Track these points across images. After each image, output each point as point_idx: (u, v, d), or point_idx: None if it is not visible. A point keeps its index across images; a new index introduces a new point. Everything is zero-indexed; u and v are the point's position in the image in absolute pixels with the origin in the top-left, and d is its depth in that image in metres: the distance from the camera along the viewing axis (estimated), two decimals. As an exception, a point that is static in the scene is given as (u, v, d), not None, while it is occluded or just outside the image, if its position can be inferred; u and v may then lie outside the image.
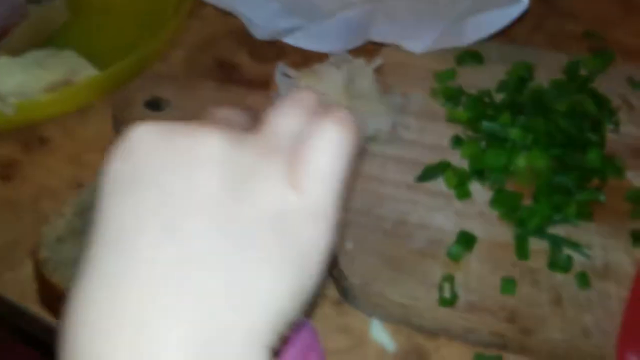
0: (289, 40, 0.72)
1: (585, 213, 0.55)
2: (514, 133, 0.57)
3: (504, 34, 0.76)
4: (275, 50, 0.73)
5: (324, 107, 0.29)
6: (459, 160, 0.59)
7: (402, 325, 0.53)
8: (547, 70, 0.68)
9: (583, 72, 0.68)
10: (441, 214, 0.56)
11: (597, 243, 0.55)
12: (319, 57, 0.68)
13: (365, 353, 0.52)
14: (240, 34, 0.74)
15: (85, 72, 0.65)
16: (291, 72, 0.61)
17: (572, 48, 0.76)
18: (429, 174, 0.57)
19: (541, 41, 0.78)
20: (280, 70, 0.62)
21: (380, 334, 0.53)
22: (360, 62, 0.61)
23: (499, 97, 0.64)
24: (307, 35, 0.71)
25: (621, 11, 0.82)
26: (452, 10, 0.68)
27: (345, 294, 0.53)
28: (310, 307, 0.28)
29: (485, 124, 0.59)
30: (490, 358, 0.51)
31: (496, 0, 0.64)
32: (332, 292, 0.54)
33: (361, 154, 0.25)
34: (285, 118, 0.28)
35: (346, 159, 0.28)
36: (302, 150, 0.27)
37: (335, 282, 0.53)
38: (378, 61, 0.62)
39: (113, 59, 0.66)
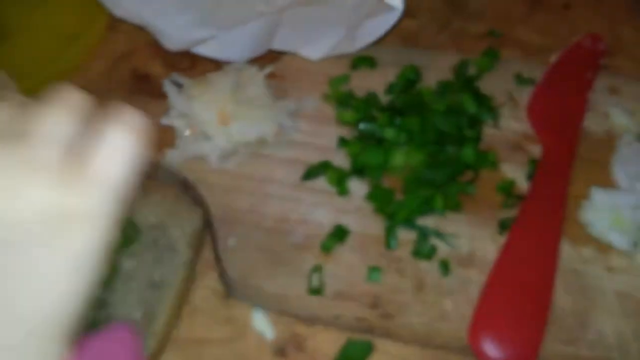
0: (199, 50, 0.75)
1: (455, 205, 0.59)
2: (388, 132, 0.61)
3: (407, 37, 0.80)
4: (189, 61, 0.77)
5: (103, 109, 0.32)
6: (344, 160, 0.63)
7: (282, 315, 0.57)
8: (438, 72, 0.71)
9: (473, 71, 0.71)
10: (321, 210, 0.60)
11: (465, 233, 0.59)
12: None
13: (247, 342, 0.56)
14: (156, 46, 0.78)
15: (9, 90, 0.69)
16: (182, 80, 0.65)
17: (475, 48, 0.80)
18: (312, 173, 0.61)
19: (446, 42, 0.81)
20: (172, 79, 0.65)
21: (261, 323, 0.57)
22: (252, 69, 0.65)
23: (388, 99, 0.67)
24: (216, 45, 0.75)
25: (526, 9, 0.86)
26: (347, 19, 0.72)
27: (228, 287, 0.57)
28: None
29: (362, 125, 0.63)
30: (360, 343, 0.55)
31: (379, 9, 0.68)
32: (219, 285, 0.58)
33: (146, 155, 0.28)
34: (56, 122, 0.30)
35: (127, 161, 0.31)
36: (82, 154, 0.30)
37: (220, 276, 0.58)
38: (268, 68, 0.66)
39: (37, 76, 0.70)
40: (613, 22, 0.84)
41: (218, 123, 0.60)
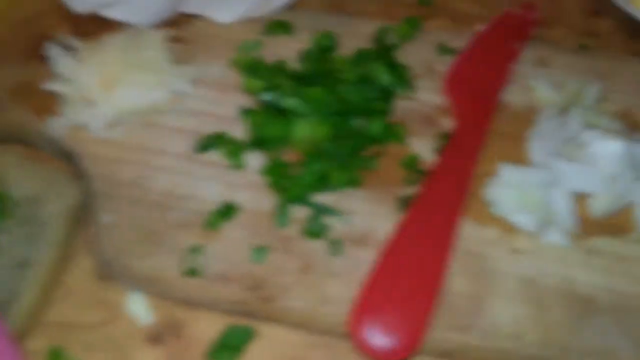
0: (107, 12, 0.71)
1: (354, 181, 0.55)
2: (290, 102, 0.57)
3: (334, 2, 0.75)
4: (98, 24, 0.72)
5: None
6: (244, 131, 0.59)
7: (161, 298, 0.53)
8: (357, 39, 0.67)
9: (394, 39, 0.66)
10: (212, 184, 0.56)
11: (362, 210, 0.55)
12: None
13: (119, 327, 0.52)
14: (64, 9, 0.73)
15: None
16: (73, 42, 0.60)
17: (404, 16, 0.75)
18: (205, 144, 0.57)
19: (374, 9, 0.77)
20: (65, 43, 0.61)
21: (138, 307, 0.53)
22: (151, 33, 0.61)
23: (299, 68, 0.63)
24: (124, 7, 0.70)
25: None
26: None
27: (102, 267, 0.53)
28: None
29: (265, 94, 0.58)
30: (240, 329, 0.51)
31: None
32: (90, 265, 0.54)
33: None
34: None
35: None
36: None
37: (94, 256, 0.53)
38: (167, 31, 0.61)
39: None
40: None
41: (101, 88, 0.55)
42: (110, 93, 0.55)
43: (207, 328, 0.52)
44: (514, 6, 0.71)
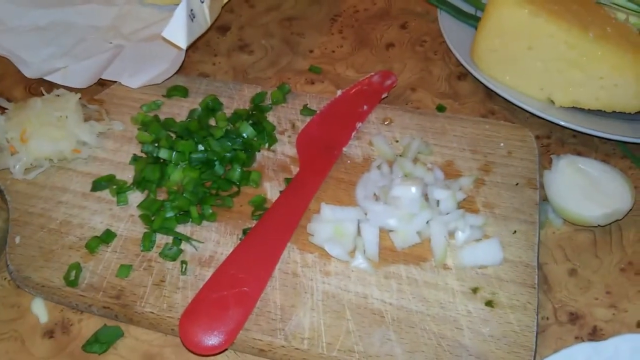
0: (51, 78, 0.89)
1: (210, 216, 0.70)
2: (163, 153, 0.73)
3: (239, 70, 0.92)
4: (47, 86, 0.90)
5: None
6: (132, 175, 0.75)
7: (57, 303, 0.68)
8: (240, 101, 0.83)
9: (269, 101, 0.82)
10: (100, 216, 0.71)
11: (213, 238, 0.69)
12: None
13: (24, 324, 0.68)
14: (20, 75, 0.91)
15: None
16: (4, 103, 0.78)
17: (295, 81, 0.91)
18: (98, 185, 0.73)
19: (272, 75, 0.93)
20: (-2, 103, 0.79)
21: (38, 309, 0.69)
22: (69, 96, 0.78)
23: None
24: (65, 73, 0.88)
25: (350, 49, 0.96)
26: (172, 53, 0.84)
27: (12, 278, 0.69)
28: None
29: (145, 146, 0.74)
30: (111, 328, 0.66)
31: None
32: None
33: None
34: None
35: None
36: None
37: (7, 268, 0.69)
38: (78, 95, 0.78)
39: None
40: (426, 60, 0.94)
41: (20, 141, 0.72)
42: (26, 144, 0.72)
43: (89, 327, 0.67)
44: (376, 73, 0.86)
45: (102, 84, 0.87)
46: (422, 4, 1.02)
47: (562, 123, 0.77)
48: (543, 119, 0.79)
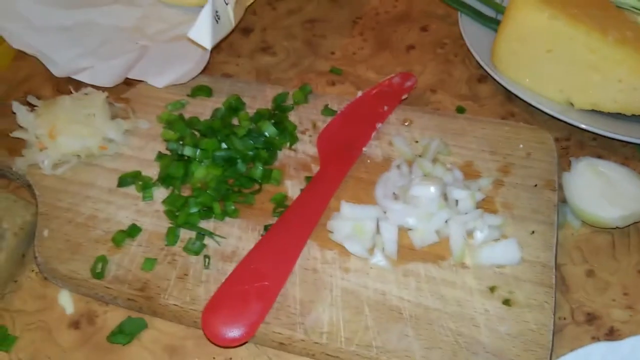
0: (78, 77, 0.91)
1: (232, 212, 0.72)
2: (186, 150, 0.75)
3: (262, 71, 0.93)
4: (75, 84, 0.92)
5: None
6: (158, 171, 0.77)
7: (83, 294, 0.70)
8: (262, 101, 0.84)
9: (290, 102, 0.84)
10: (125, 211, 0.73)
11: (235, 234, 0.71)
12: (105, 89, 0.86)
13: (51, 314, 0.70)
14: (49, 74, 0.94)
15: None
16: (34, 100, 0.80)
17: (316, 82, 0.92)
18: (124, 180, 0.75)
19: (294, 76, 0.94)
20: (28, 100, 0.81)
21: (65, 300, 0.71)
22: (96, 94, 0.80)
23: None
24: (93, 73, 0.91)
25: (370, 50, 0.98)
26: (196, 54, 0.86)
27: (40, 270, 0.71)
28: None
29: (170, 144, 0.76)
30: (135, 320, 0.68)
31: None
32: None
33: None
34: None
35: None
36: None
37: (35, 260, 0.72)
38: (105, 94, 0.80)
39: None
40: (446, 62, 0.95)
41: (49, 137, 0.74)
42: (55, 141, 0.74)
43: (113, 319, 0.69)
44: (397, 75, 0.87)
45: (128, 83, 0.89)
46: (442, 6, 1.03)
47: (582, 126, 0.78)
48: (562, 121, 0.80)
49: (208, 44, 0.77)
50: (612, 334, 0.65)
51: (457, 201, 0.70)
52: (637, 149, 0.81)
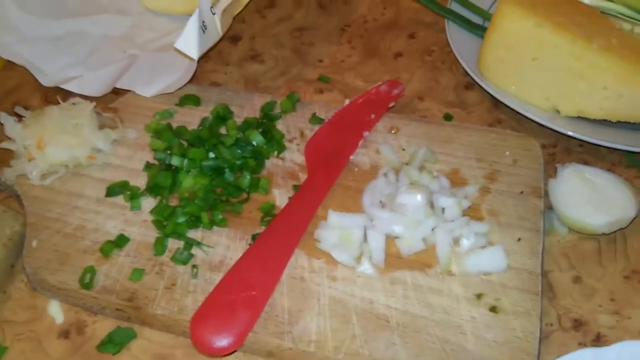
0: (67, 87, 0.91)
1: (220, 222, 0.72)
2: (174, 160, 0.75)
3: (250, 79, 0.94)
4: (63, 94, 0.92)
5: None
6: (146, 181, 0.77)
7: (73, 305, 0.70)
8: (250, 110, 0.85)
9: (278, 110, 0.84)
10: (113, 221, 0.74)
11: (223, 243, 0.71)
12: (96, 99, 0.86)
13: (41, 324, 0.70)
14: (37, 84, 0.94)
15: None
16: (22, 111, 0.80)
17: (304, 90, 0.93)
18: (112, 190, 0.75)
19: (282, 85, 0.95)
20: (15, 111, 0.81)
21: (55, 310, 0.71)
22: (84, 104, 0.80)
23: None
24: (81, 82, 0.91)
25: (359, 58, 0.98)
26: (184, 63, 0.86)
27: (29, 281, 0.71)
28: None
29: (158, 154, 0.76)
30: (124, 330, 0.68)
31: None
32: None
33: None
34: None
35: None
36: None
37: (24, 271, 0.72)
38: (93, 104, 0.80)
39: None
40: (434, 69, 0.96)
41: (37, 148, 0.74)
42: (43, 151, 0.75)
43: (103, 328, 0.69)
44: (384, 83, 0.88)
45: (116, 92, 0.89)
46: (430, 14, 1.03)
47: (568, 132, 0.79)
48: (549, 128, 0.81)
49: (195, 54, 0.77)
50: (598, 340, 0.66)
51: (443, 209, 0.71)
52: (623, 155, 0.82)
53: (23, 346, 0.68)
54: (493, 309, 0.64)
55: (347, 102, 0.85)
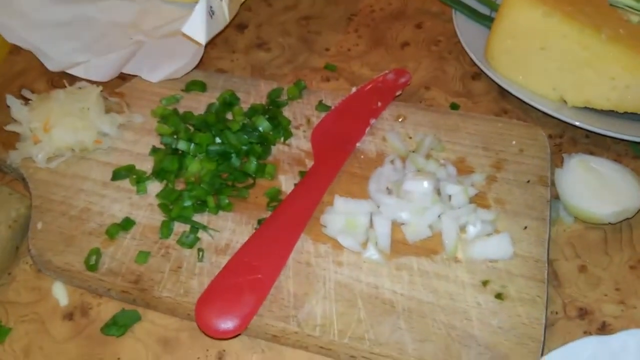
0: (73, 72, 0.91)
1: (226, 206, 0.72)
2: (180, 144, 0.75)
3: (257, 67, 0.94)
4: (69, 79, 0.92)
5: None
6: (152, 165, 0.77)
7: (77, 286, 0.70)
8: (256, 96, 0.85)
9: (285, 97, 0.84)
10: (119, 204, 0.74)
11: (229, 227, 0.71)
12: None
13: (45, 306, 0.70)
14: (44, 68, 0.94)
15: None
16: (29, 94, 0.80)
17: (311, 78, 0.93)
18: (118, 174, 0.75)
19: (288, 72, 0.94)
20: (22, 94, 0.81)
21: (59, 292, 0.71)
22: (90, 87, 0.80)
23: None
24: (88, 67, 0.91)
25: (366, 48, 0.98)
26: (191, 49, 0.86)
27: (34, 262, 0.71)
28: None
29: (164, 138, 0.76)
30: (129, 312, 0.68)
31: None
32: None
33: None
34: None
35: None
36: None
37: (29, 252, 0.72)
38: (99, 88, 0.80)
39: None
40: (440, 59, 0.95)
41: (43, 130, 0.74)
42: (49, 134, 0.74)
43: (107, 311, 0.69)
44: (391, 71, 0.87)
45: (123, 77, 0.89)
46: (437, 4, 1.03)
47: (575, 123, 0.78)
48: (555, 118, 0.80)
49: (202, 39, 0.77)
50: (604, 329, 0.66)
51: (450, 196, 0.71)
52: (629, 146, 0.81)
53: (27, 327, 0.68)
54: (499, 296, 0.64)
55: (353, 90, 0.85)
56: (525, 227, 0.69)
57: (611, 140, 0.82)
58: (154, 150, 0.77)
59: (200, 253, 0.68)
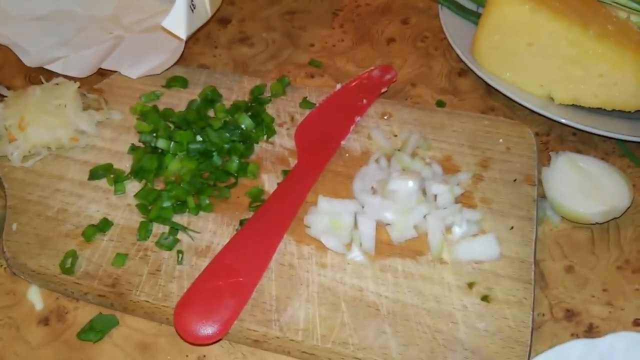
0: (51, 67, 0.88)
1: (206, 206, 0.70)
2: (160, 143, 0.73)
3: (240, 63, 0.92)
4: (47, 75, 0.89)
5: None
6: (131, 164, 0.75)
7: (52, 290, 0.68)
8: (239, 93, 0.83)
9: (268, 94, 0.82)
10: (96, 205, 0.71)
11: (209, 229, 0.69)
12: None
13: (20, 310, 0.68)
14: (21, 64, 0.91)
15: None
16: (4, 91, 0.78)
17: (295, 74, 0.91)
18: (95, 173, 0.73)
19: (272, 68, 0.92)
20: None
21: (34, 296, 0.69)
22: (68, 84, 0.78)
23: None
24: (66, 63, 0.88)
25: (351, 43, 0.96)
26: (171, 44, 0.84)
27: (9, 265, 0.69)
28: None
29: (143, 136, 0.74)
30: (106, 316, 0.66)
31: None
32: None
33: None
34: None
35: None
36: None
37: (2, 255, 0.69)
38: (77, 84, 0.78)
39: None
40: (427, 55, 0.94)
41: (18, 128, 0.72)
42: (24, 132, 0.72)
43: (84, 315, 0.67)
44: (376, 68, 0.86)
45: (101, 73, 0.87)
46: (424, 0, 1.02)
47: (562, 120, 0.77)
48: (542, 116, 0.79)
49: (183, 34, 0.75)
50: (591, 331, 0.65)
51: (435, 196, 0.69)
52: (616, 144, 0.80)
53: (1, 333, 0.66)
54: (485, 298, 0.63)
55: (338, 86, 0.83)
56: (512, 227, 0.68)
57: (598, 138, 0.81)
58: (133, 149, 0.75)
59: (180, 255, 0.66)
